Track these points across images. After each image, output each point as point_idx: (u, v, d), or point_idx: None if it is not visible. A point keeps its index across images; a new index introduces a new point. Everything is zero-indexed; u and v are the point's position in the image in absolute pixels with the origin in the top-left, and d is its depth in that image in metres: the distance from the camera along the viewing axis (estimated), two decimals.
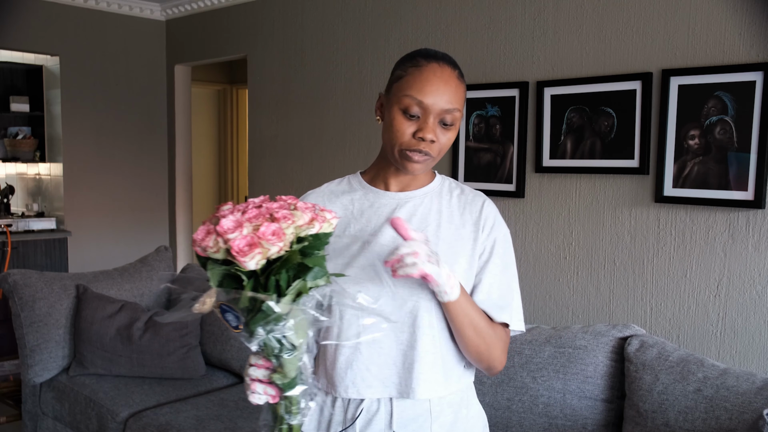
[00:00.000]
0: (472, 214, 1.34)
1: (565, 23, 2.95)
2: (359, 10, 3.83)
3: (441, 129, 1.26)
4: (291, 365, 1.09)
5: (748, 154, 2.44)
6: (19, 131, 5.09)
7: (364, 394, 1.29)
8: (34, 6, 4.68)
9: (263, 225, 1.02)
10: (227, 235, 1.01)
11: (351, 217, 1.35)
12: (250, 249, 1.00)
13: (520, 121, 3.08)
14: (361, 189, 1.38)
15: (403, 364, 1.28)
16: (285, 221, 1.03)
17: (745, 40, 2.46)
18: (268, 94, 4.45)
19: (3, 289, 3.07)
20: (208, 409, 2.65)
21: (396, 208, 1.33)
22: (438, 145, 1.27)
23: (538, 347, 2.16)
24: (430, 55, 1.28)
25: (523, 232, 3.10)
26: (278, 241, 1.01)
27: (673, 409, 1.84)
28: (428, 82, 1.25)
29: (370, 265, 1.29)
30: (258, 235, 1.01)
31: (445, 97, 1.24)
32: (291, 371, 1.10)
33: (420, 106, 1.24)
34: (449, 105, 1.25)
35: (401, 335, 1.28)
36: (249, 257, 1.00)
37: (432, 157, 1.28)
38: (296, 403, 1.12)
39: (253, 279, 1.04)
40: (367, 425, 1.29)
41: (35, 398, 3.08)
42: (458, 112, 1.27)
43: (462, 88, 1.29)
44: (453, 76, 1.27)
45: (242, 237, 1.01)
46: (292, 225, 1.04)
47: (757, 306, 2.48)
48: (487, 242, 1.33)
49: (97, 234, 5.07)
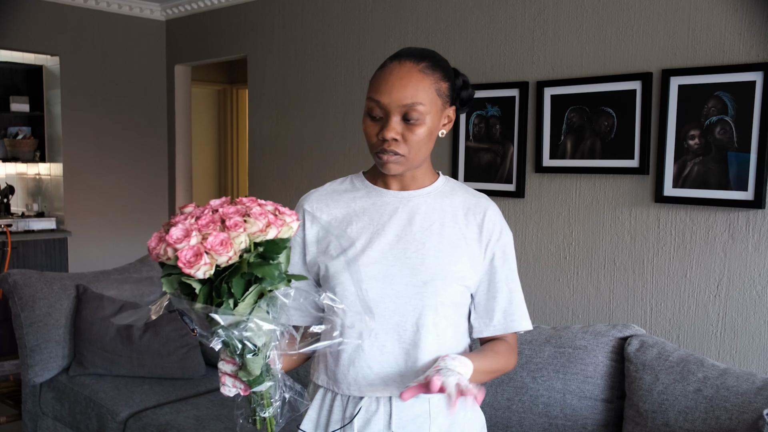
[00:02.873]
0: (476, 217, 1.34)
1: (565, 23, 2.95)
2: (359, 10, 3.83)
3: (406, 126, 1.24)
4: (255, 364, 1.10)
5: (748, 154, 2.44)
6: (19, 131, 5.09)
7: (365, 392, 1.28)
8: (34, 6, 4.68)
9: (212, 234, 1.00)
10: (175, 245, 1.00)
11: (353, 215, 1.34)
12: (196, 260, 0.99)
13: (520, 121, 3.08)
14: (364, 188, 1.37)
15: (405, 363, 1.27)
16: (235, 230, 1.01)
17: (745, 40, 2.46)
18: (268, 94, 4.45)
19: (3, 289, 3.07)
20: (208, 409, 2.65)
21: (399, 207, 1.33)
22: (406, 143, 1.25)
23: (538, 347, 2.16)
24: (396, 55, 1.27)
25: (523, 232, 3.10)
26: (226, 251, 0.99)
27: (673, 409, 1.84)
28: (384, 81, 1.24)
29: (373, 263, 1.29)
30: (205, 245, 0.99)
31: (402, 92, 1.22)
32: (255, 369, 1.10)
33: (379, 107, 1.24)
34: (408, 100, 1.22)
35: (404, 334, 1.28)
36: (195, 269, 0.99)
37: (404, 156, 1.26)
38: (267, 397, 1.13)
39: (206, 286, 1.03)
40: (366, 424, 1.28)
41: (35, 398, 3.08)
42: (421, 106, 1.23)
43: (427, 80, 1.25)
44: (414, 70, 1.24)
45: (189, 248, 0.99)
46: (243, 233, 1.02)
47: (757, 306, 2.48)
48: (497, 248, 1.33)
49: (97, 234, 5.07)
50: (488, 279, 1.33)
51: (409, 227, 1.31)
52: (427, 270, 1.28)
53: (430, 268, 1.28)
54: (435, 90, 1.26)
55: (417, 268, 1.28)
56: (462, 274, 1.30)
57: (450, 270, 1.29)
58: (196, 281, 1.02)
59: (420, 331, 1.27)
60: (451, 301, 1.30)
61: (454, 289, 1.29)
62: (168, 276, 1.04)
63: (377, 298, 1.27)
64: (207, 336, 1.07)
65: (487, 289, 1.34)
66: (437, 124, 1.29)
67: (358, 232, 1.32)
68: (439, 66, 1.28)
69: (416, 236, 1.30)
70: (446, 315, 1.29)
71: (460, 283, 1.30)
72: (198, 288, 1.02)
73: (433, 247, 1.29)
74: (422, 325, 1.27)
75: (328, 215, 1.36)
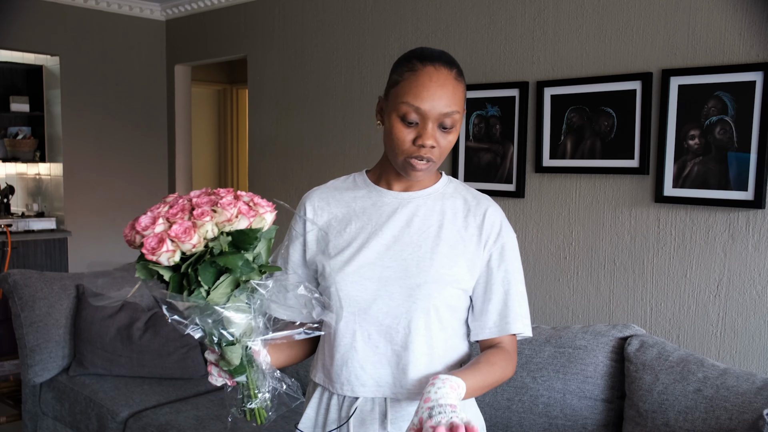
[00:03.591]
0: (476, 218, 1.32)
1: (565, 23, 2.95)
2: (359, 10, 3.83)
3: (441, 133, 1.24)
4: (233, 354, 1.10)
5: (748, 154, 2.44)
6: (19, 131, 5.09)
7: (358, 393, 1.29)
8: (34, 6, 4.68)
9: (177, 222, 1.01)
10: (142, 233, 1.01)
11: (353, 215, 1.35)
12: (158, 246, 1.00)
13: (520, 121, 3.08)
14: (366, 187, 1.37)
15: (397, 365, 1.28)
16: (201, 218, 1.02)
17: (745, 40, 2.46)
18: (268, 94, 4.45)
19: (3, 289, 3.07)
20: (208, 409, 2.65)
21: (398, 208, 1.33)
22: (439, 149, 1.25)
23: (538, 347, 2.16)
24: (425, 57, 1.25)
25: (523, 232, 3.10)
26: (189, 238, 1.00)
27: (673, 409, 1.84)
28: (424, 87, 1.22)
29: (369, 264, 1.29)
30: (169, 233, 1.01)
31: (442, 101, 1.22)
32: (234, 359, 1.11)
33: (417, 113, 1.22)
34: (447, 108, 1.22)
35: (396, 336, 1.27)
36: (157, 255, 1.00)
37: (434, 162, 1.27)
38: (253, 388, 1.14)
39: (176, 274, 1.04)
40: (361, 424, 1.29)
41: (35, 398, 3.08)
42: (458, 114, 1.24)
43: (460, 87, 1.26)
44: (450, 78, 1.24)
45: (154, 235, 1.01)
46: (210, 222, 1.03)
47: (757, 306, 2.48)
48: (494, 249, 1.31)
49: (97, 234, 5.07)
50: (485, 280, 1.32)
51: (407, 229, 1.31)
52: (421, 273, 1.27)
53: (424, 270, 1.27)
54: (464, 97, 1.28)
55: (411, 270, 1.27)
56: (458, 277, 1.28)
57: (445, 273, 1.27)
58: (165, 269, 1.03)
59: (411, 333, 1.26)
60: (445, 304, 1.28)
61: (448, 293, 1.28)
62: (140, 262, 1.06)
63: (371, 298, 1.27)
64: (182, 324, 1.08)
65: (483, 291, 1.32)
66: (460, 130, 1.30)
67: (356, 231, 1.32)
68: (462, 73, 1.29)
69: (413, 238, 1.30)
70: (440, 318, 1.28)
71: (456, 286, 1.29)
72: (168, 275, 1.03)
73: (430, 249, 1.28)
74: (413, 328, 1.26)
75: (328, 213, 1.36)
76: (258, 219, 1.07)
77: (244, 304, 1.07)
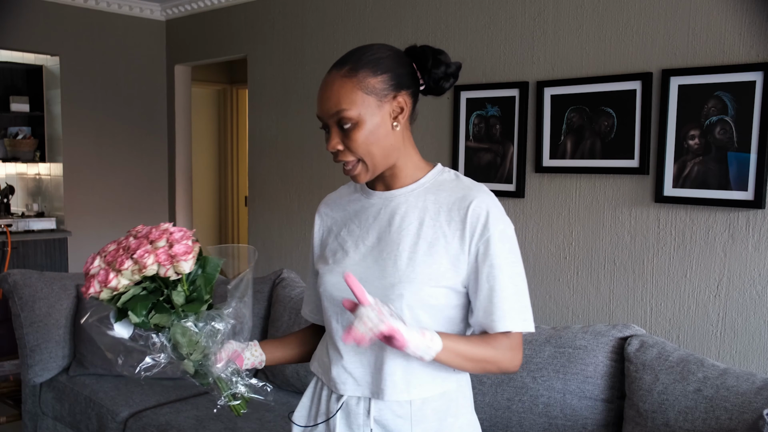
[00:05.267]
0: (460, 211, 1.27)
1: (565, 23, 2.95)
2: (359, 10, 3.83)
3: (345, 134, 1.24)
4: (186, 366, 1.25)
5: (748, 154, 2.44)
6: (19, 131, 5.09)
7: (341, 390, 1.32)
8: (34, 6, 4.68)
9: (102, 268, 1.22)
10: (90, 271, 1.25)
11: (348, 218, 1.38)
12: (89, 283, 1.23)
13: (520, 121, 3.08)
14: (361, 191, 1.39)
15: (375, 364, 1.29)
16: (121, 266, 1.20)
17: (745, 40, 2.46)
18: (268, 94, 4.45)
19: (3, 289, 3.07)
20: (208, 409, 2.65)
21: (381, 208, 1.33)
22: (352, 150, 1.24)
23: (538, 347, 2.16)
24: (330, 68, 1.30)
25: (523, 232, 3.10)
26: (104, 286, 1.20)
27: (673, 409, 1.84)
28: (318, 95, 1.28)
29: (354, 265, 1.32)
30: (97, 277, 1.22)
31: (328, 103, 1.24)
32: (188, 369, 1.25)
33: (320, 120, 1.28)
34: (334, 108, 1.23)
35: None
36: (86, 293, 1.24)
37: (359, 162, 1.26)
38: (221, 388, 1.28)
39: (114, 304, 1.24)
40: (346, 421, 1.32)
41: (35, 398, 3.08)
42: (348, 111, 1.22)
43: (348, 84, 1.23)
44: (336, 77, 1.24)
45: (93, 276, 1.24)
46: (125, 272, 1.19)
47: (757, 306, 2.48)
48: (481, 244, 1.25)
49: (97, 234, 5.07)
50: (474, 277, 1.26)
51: (389, 228, 1.30)
52: (396, 272, 1.25)
53: (400, 270, 1.25)
54: (361, 90, 1.23)
55: (388, 270, 1.26)
56: (438, 275, 1.25)
57: (422, 272, 1.24)
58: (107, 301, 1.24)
59: None
60: (421, 303, 1.24)
61: (426, 292, 1.24)
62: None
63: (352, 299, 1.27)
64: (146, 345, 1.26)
65: (473, 288, 1.27)
66: (380, 120, 1.24)
67: (349, 234, 1.36)
68: (363, 63, 1.25)
69: (393, 237, 1.29)
70: (416, 318, 1.25)
71: (436, 284, 1.24)
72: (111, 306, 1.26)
73: (408, 248, 1.26)
74: None
75: (331, 219, 1.42)
76: (180, 264, 1.19)
77: (189, 329, 1.21)
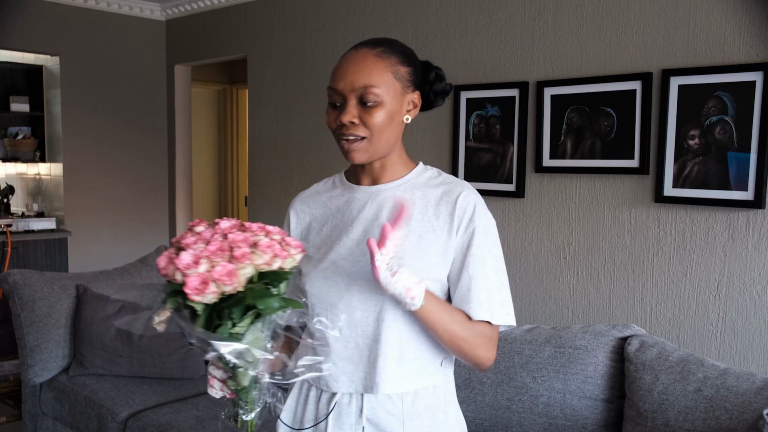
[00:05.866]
0: (447, 205, 1.29)
1: (565, 23, 2.95)
2: (359, 10, 3.83)
3: (364, 110, 1.24)
4: (244, 377, 1.14)
5: (748, 154, 2.44)
6: (19, 131, 5.09)
7: (333, 388, 1.31)
8: (34, 6, 4.68)
9: (219, 264, 1.03)
10: (185, 271, 1.03)
11: (329, 214, 1.38)
12: (203, 287, 1.02)
13: (520, 121, 3.08)
14: (341, 186, 1.39)
15: (368, 358, 1.28)
16: (243, 261, 1.04)
17: (745, 40, 2.46)
18: (268, 94, 4.45)
19: (3, 289, 3.07)
20: (208, 409, 2.65)
21: (367, 202, 1.33)
22: (365, 126, 1.24)
23: (538, 347, 2.16)
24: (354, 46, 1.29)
25: (523, 232, 3.10)
26: (231, 282, 1.03)
27: (673, 409, 1.84)
28: (339, 67, 1.27)
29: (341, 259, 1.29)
30: (213, 274, 1.03)
31: (356, 76, 1.23)
32: (244, 381, 1.14)
33: (336, 93, 1.26)
34: (363, 82, 1.23)
35: (367, 329, 1.28)
36: (201, 296, 1.03)
37: (365, 138, 1.26)
38: (251, 402, 1.18)
39: (208, 308, 1.06)
40: (338, 419, 1.30)
41: (35, 398, 3.08)
42: (377, 89, 1.23)
43: (382, 63, 1.25)
44: (369, 54, 1.25)
45: (197, 275, 1.02)
46: (249, 265, 1.05)
47: (757, 306, 2.48)
48: (465, 236, 1.28)
49: (97, 234, 5.07)
50: (457, 266, 1.29)
51: (376, 221, 1.30)
52: None
53: None
54: (392, 73, 1.25)
55: None
56: (429, 267, 1.27)
57: (411, 264, 1.24)
58: (200, 304, 1.06)
59: (380, 326, 1.27)
60: None
61: None
62: (172, 294, 1.08)
63: (340, 293, 1.28)
64: (204, 349, 1.11)
65: (455, 276, 1.29)
66: (398, 108, 1.27)
67: (331, 230, 1.35)
68: (396, 50, 1.28)
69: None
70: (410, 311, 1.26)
71: (426, 276, 1.26)
72: (200, 309, 1.06)
73: None
74: (382, 320, 1.26)
75: (309, 216, 1.41)
76: (290, 260, 1.10)
77: (260, 333, 1.10)
